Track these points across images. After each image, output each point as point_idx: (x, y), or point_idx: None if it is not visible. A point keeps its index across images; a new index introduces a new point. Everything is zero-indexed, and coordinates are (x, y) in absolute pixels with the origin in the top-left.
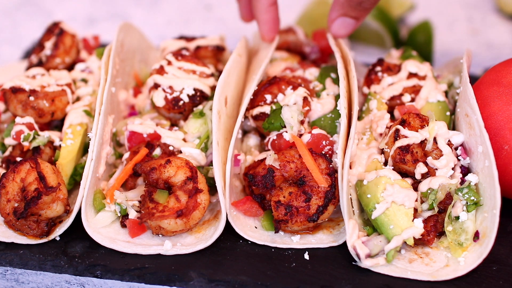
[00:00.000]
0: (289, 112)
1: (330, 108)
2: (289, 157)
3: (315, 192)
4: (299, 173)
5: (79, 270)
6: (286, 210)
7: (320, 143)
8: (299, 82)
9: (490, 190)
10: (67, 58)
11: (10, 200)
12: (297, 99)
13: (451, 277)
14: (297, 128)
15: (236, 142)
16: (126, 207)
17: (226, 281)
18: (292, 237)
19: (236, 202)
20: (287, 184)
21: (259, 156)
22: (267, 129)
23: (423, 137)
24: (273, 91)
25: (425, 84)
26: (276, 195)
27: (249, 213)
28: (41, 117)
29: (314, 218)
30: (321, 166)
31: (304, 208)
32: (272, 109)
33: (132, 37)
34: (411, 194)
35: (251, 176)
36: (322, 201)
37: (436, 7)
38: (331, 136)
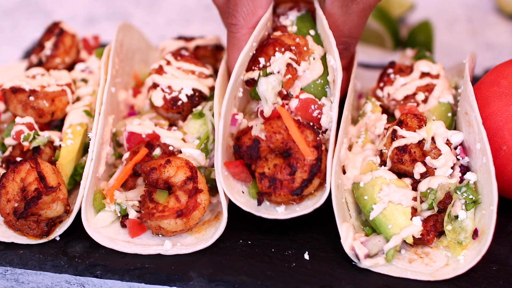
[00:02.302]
0: (266, 84)
1: (319, 73)
2: (275, 128)
3: (300, 165)
4: (285, 145)
5: (79, 270)
6: (270, 183)
7: (309, 108)
8: (296, 42)
9: (487, 187)
10: (67, 58)
11: (10, 200)
12: (280, 67)
13: (451, 276)
14: (273, 101)
15: (241, 104)
16: (126, 207)
17: (226, 281)
18: (277, 208)
19: (229, 163)
20: (273, 155)
21: (251, 122)
22: (254, 97)
23: (421, 137)
24: (268, 52)
25: (438, 82)
26: (261, 166)
27: (238, 177)
28: (41, 117)
29: (298, 192)
30: (308, 138)
31: (288, 181)
32: (259, 75)
33: (131, 37)
34: (407, 193)
35: (236, 146)
36: (307, 175)
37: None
38: (320, 100)
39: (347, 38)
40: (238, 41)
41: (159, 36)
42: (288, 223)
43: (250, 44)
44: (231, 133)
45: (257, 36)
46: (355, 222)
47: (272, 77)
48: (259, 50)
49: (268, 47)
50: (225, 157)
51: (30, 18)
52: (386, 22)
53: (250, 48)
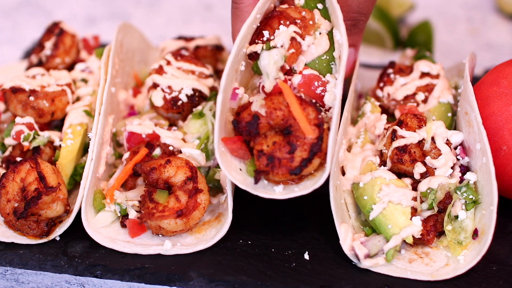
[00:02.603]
0: (268, 58)
1: (325, 49)
2: (276, 104)
3: (300, 143)
4: (285, 122)
5: (79, 270)
6: (268, 161)
7: (312, 84)
8: (301, 15)
9: (487, 187)
10: (67, 58)
11: (10, 200)
12: (284, 41)
13: (451, 276)
14: (274, 76)
15: (244, 78)
16: (126, 207)
17: (226, 281)
18: (275, 187)
19: (227, 138)
20: (273, 132)
21: (253, 97)
22: (256, 72)
23: (421, 137)
24: (273, 25)
25: (438, 82)
26: (259, 143)
27: (236, 154)
28: (41, 117)
29: (297, 172)
30: (310, 115)
31: (287, 160)
32: (262, 49)
33: (131, 37)
34: (407, 193)
35: (235, 122)
36: (307, 154)
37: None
38: (324, 77)
39: (356, 13)
40: (241, 12)
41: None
42: (288, 223)
43: (254, 16)
44: (232, 108)
45: (261, 8)
46: (355, 223)
47: (274, 51)
48: (263, 23)
49: (272, 19)
50: (224, 132)
51: (30, 18)
52: (386, 22)
53: (254, 20)
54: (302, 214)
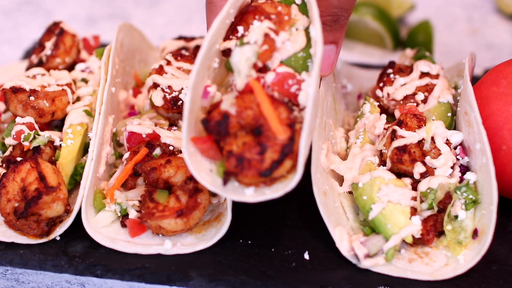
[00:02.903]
0: (239, 55)
1: (301, 46)
2: (247, 103)
3: (271, 144)
4: (256, 122)
5: (79, 270)
6: (237, 162)
7: (286, 83)
8: (277, 10)
9: (487, 187)
10: (67, 58)
11: (10, 200)
12: (257, 37)
13: (451, 276)
14: (246, 74)
15: (218, 76)
16: (126, 207)
17: (226, 281)
18: (246, 190)
19: (197, 138)
20: (244, 132)
21: (226, 96)
22: (229, 69)
23: (421, 137)
24: (248, 20)
25: (438, 82)
26: (229, 143)
27: (207, 154)
28: (41, 117)
29: (267, 173)
30: (282, 115)
31: (257, 161)
32: (236, 45)
33: (131, 37)
34: (406, 193)
35: (204, 121)
36: (278, 155)
37: (436, 7)
38: (300, 75)
39: (337, 9)
40: (215, 7)
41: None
42: (288, 223)
43: (227, 11)
44: (203, 107)
45: (235, 2)
46: (354, 224)
47: (246, 47)
48: (238, 18)
49: (248, 15)
50: (195, 132)
51: (30, 18)
52: (386, 22)
53: (227, 15)
54: (302, 214)
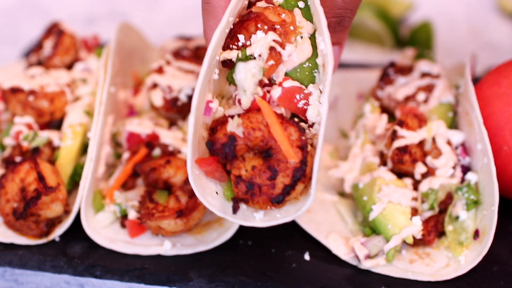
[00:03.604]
0: (244, 71)
1: (307, 56)
2: (255, 123)
3: (282, 168)
4: (265, 144)
5: (78, 271)
6: (247, 188)
7: (294, 98)
8: (281, 19)
9: (488, 187)
10: (66, 57)
11: (9, 200)
12: (262, 51)
13: (452, 277)
14: (252, 92)
15: (217, 86)
16: (126, 208)
17: (226, 282)
18: (255, 214)
19: (201, 160)
20: (252, 154)
21: (229, 110)
22: (231, 82)
23: (422, 137)
24: (249, 28)
25: (439, 82)
26: (237, 167)
27: (212, 176)
28: (40, 117)
29: (279, 199)
30: (292, 136)
31: (268, 187)
32: (238, 58)
33: (131, 37)
34: (407, 193)
35: (209, 143)
36: (290, 180)
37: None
38: (307, 88)
39: (341, 10)
40: (213, 7)
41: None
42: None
43: (226, 20)
44: (205, 123)
45: (234, 9)
46: (353, 227)
47: (252, 63)
48: (238, 25)
49: (248, 22)
50: (198, 152)
51: (30, 18)
52: (386, 22)
53: (227, 24)
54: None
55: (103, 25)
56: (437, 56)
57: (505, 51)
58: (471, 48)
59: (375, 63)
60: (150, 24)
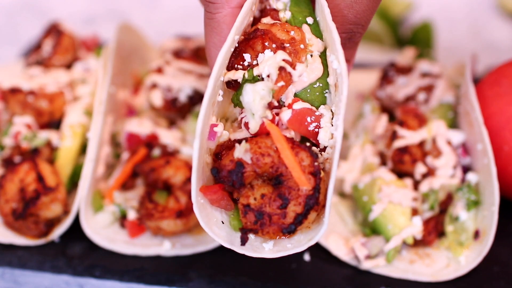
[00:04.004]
0: (252, 94)
1: (318, 75)
2: (264, 149)
3: (293, 196)
4: (275, 170)
5: (78, 271)
6: (256, 218)
7: (304, 120)
8: (290, 36)
9: (489, 187)
10: (65, 57)
11: (8, 200)
12: (271, 71)
13: (452, 277)
14: (261, 115)
15: (221, 107)
16: (125, 208)
17: (226, 282)
18: (264, 244)
19: (206, 187)
20: (260, 181)
21: (234, 134)
22: (236, 104)
23: (422, 137)
24: (256, 47)
25: (439, 82)
26: (245, 196)
27: (218, 204)
28: (39, 117)
29: (290, 230)
30: (304, 162)
31: (278, 216)
32: (244, 78)
33: (131, 37)
34: (407, 193)
35: (215, 170)
36: (302, 208)
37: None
38: (317, 110)
39: (353, 25)
40: (217, 23)
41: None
42: None
43: (232, 38)
44: (209, 148)
45: (239, 27)
46: (353, 227)
47: (260, 85)
48: (244, 43)
49: (255, 40)
50: (202, 179)
51: (29, 17)
52: (386, 21)
53: (232, 43)
54: None
55: (103, 25)
56: (437, 56)
57: (506, 51)
58: (472, 47)
59: (375, 63)
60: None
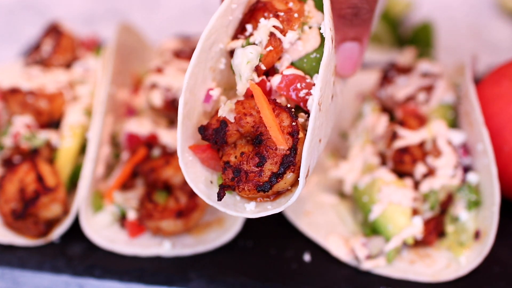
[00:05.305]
0: (241, 56)
1: (314, 46)
2: (247, 109)
3: (271, 155)
4: (256, 130)
5: (77, 271)
6: (233, 174)
7: (294, 86)
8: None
9: (489, 188)
10: (65, 57)
11: (8, 201)
12: (262, 37)
13: (452, 277)
14: (247, 78)
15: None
16: (125, 208)
17: (226, 282)
18: (246, 205)
19: (196, 146)
20: (244, 141)
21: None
22: (234, 72)
23: (422, 137)
24: (258, 18)
25: (439, 82)
26: (227, 154)
27: (207, 164)
28: (39, 117)
29: (265, 188)
30: (284, 123)
31: (255, 174)
32: (242, 46)
33: (130, 37)
34: (407, 193)
35: (201, 129)
36: (278, 167)
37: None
38: (311, 78)
39: (357, 0)
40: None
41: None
42: (288, 224)
43: (226, 5)
44: (207, 112)
45: None
46: (353, 227)
47: (249, 48)
48: (248, 15)
49: (257, 12)
50: (194, 139)
51: (29, 17)
52: (386, 21)
53: (227, 10)
54: None
55: (102, 24)
56: (438, 55)
57: (506, 51)
58: (472, 47)
59: (375, 63)
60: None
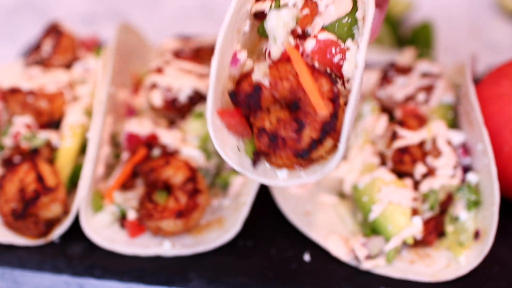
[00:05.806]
0: (276, 19)
1: (346, 10)
2: (283, 73)
3: (310, 120)
4: (293, 95)
5: (77, 271)
6: (270, 141)
7: (329, 51)
8: None
9: (489, 188)
10: (65, 57)
11: (8, 201)
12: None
13: (452, 277)
14: (283, 41)
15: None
16: (125, 208)
17: (226, 282)
18: (278, 172)
19: (224, 111)
20: (278, 107)
21: (259, 65)
22: (262, 34)
23: (422, 137)
24: None
25: (439, 82)
26: (261, 119)
27: (234, 130)
28: (39, 117)
29: (304, 155)
30: (323, 88)
31: (293, 140)
32: (271, 7)
33: (130, 37)
34: (407, 193)
35: (232, 94)
36: (318, 134)
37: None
38: (344, 43)
39: None
40: None
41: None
42: (288, 224)
43: None
44: (232, 76)
45: None
46: (353, 227)
47: (284, 11)
48: None
49: None
50: (221, 104)
51: (29, 17)
52: (385, 21)
53: None
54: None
55: (102, 24)
56: (437, 55)
57: (506, 51)
58: (472, 47)
59: (374, 63)
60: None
